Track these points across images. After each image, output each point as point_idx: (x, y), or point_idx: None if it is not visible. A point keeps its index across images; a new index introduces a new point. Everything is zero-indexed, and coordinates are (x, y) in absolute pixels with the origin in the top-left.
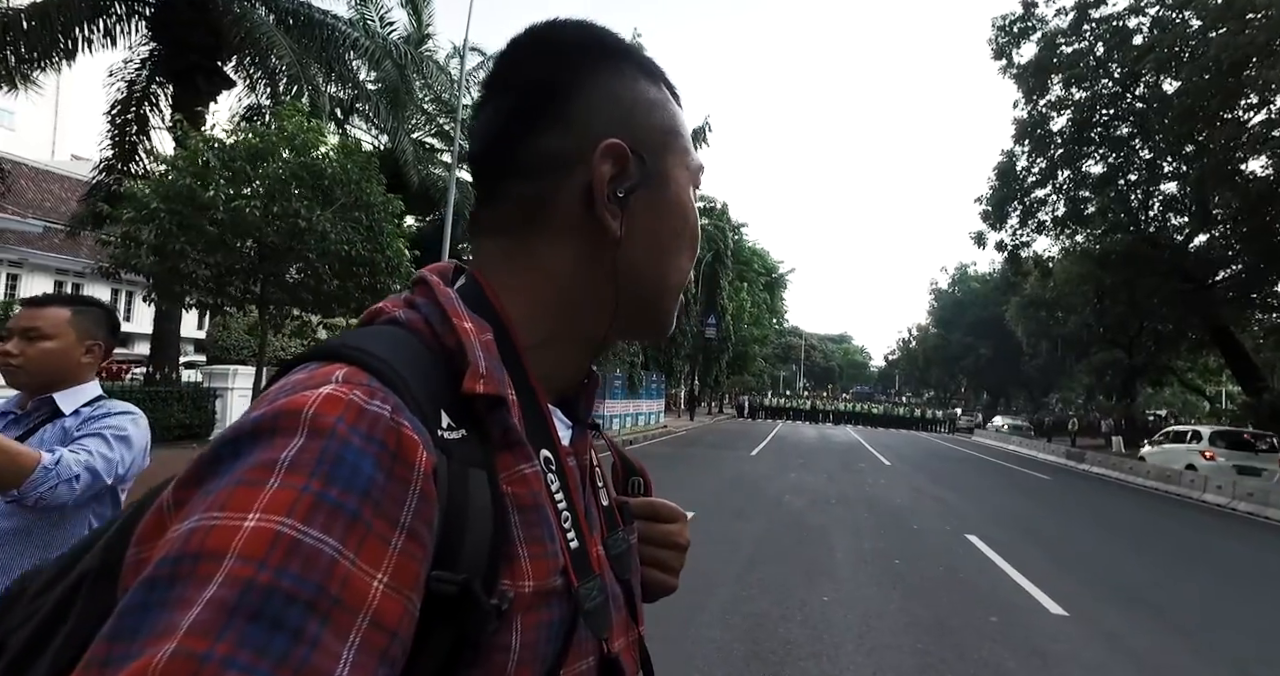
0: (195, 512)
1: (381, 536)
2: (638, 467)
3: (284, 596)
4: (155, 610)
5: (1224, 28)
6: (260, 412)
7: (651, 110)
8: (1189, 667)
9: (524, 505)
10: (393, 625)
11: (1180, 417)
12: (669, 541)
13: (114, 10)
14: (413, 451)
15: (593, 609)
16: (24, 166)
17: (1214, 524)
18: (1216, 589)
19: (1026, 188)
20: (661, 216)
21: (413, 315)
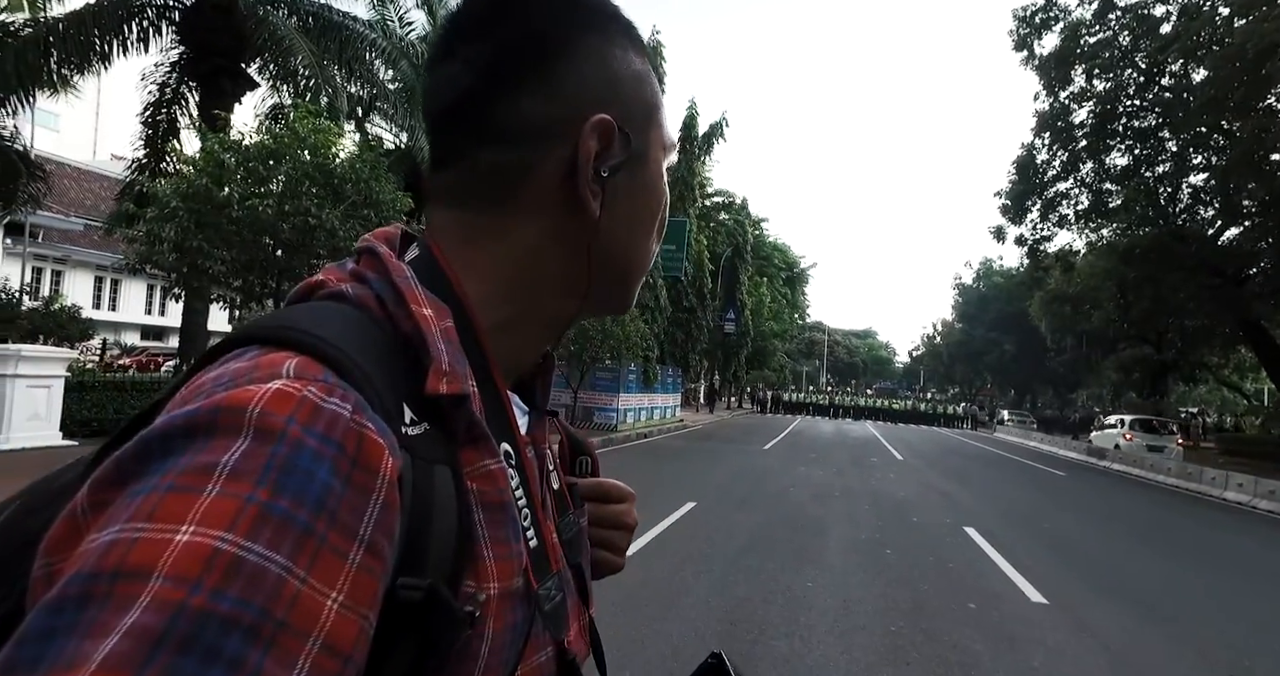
0: (117, 521)
1: (337, 550)
2: (586, 446)
3: (220, 622)
4: (63, 637)
5: (1252, 15)
6: (196, 407)
7: (639, 83)
8: (1155, 654)
9: (489, 502)
10: (347, 648)
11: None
12: (617, 521)
13: (145, 16)
14: (377, 457)
15: (551, 610)
16: (67, 167)
17: (1228, 521)
18: (1210, 583)
19: (1047, 181)
20: (638, 197)
21: (362, 291)
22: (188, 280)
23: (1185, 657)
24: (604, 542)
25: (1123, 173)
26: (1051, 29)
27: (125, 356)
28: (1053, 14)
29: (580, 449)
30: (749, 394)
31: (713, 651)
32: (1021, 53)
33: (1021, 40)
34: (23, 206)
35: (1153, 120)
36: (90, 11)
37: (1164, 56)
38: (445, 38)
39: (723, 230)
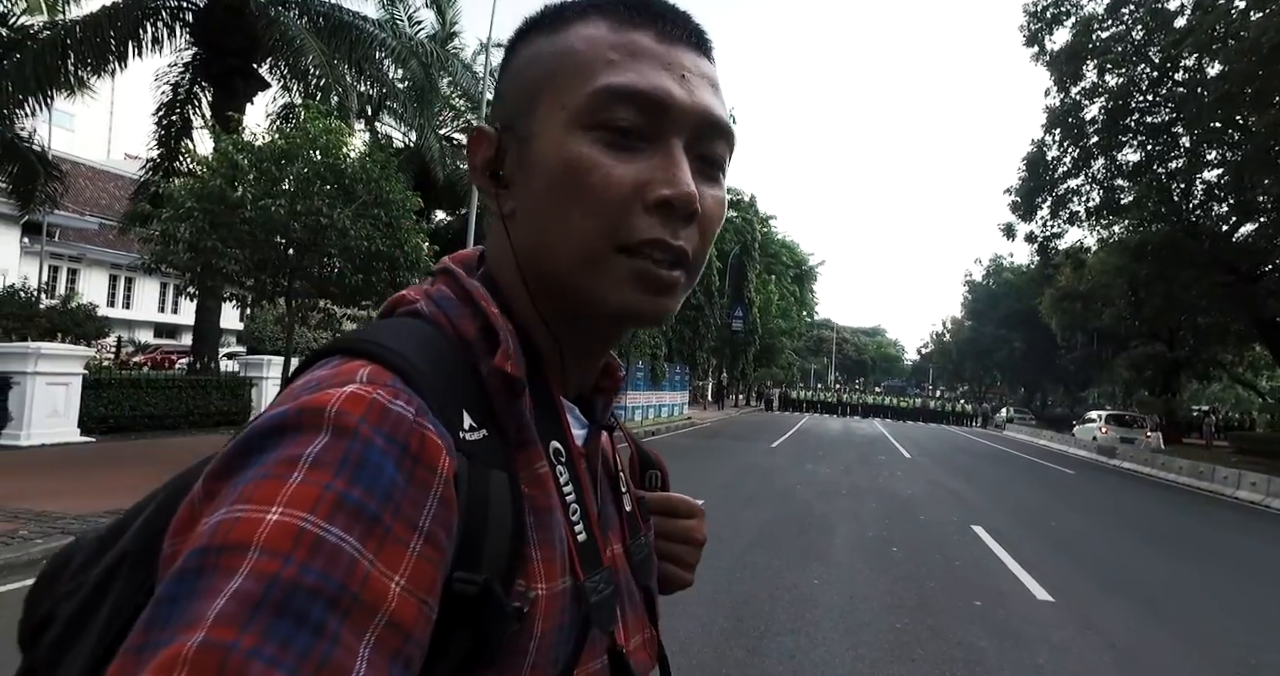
0: (223, 505)
1: (400, 539)
2: (655, 460)
3: (307, 591)
4: (185, 600)
5: (1269, 8)
6: (285, 408)
7: (527, 68)
8: (1160, 653)
9: (538, 506)
10: (408, 627)
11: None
12: (685, 537)
13: (160, 18)
14: (435, 455)
15: (599, 601)
16: (82, 166)
17: (1237, 520)
18: (1218, 582)
19: (1058, 178)
20: (533, 173)
21: (432, 308)
22: (202, 279)
23: (1191, 656)
24: (672, 557)
25: (1134, 169)
26: (1063, 24)
27: (139, 354)
28: (1064, 8)
29: (650, 463)
30: (756, 392)
31: None
32: (1032, 48)
33: (1033, 35)
34: (41, 206)
35: (1166, 116)
36: (106, 14)
37: (1178, 51)
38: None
39: (730, 228)
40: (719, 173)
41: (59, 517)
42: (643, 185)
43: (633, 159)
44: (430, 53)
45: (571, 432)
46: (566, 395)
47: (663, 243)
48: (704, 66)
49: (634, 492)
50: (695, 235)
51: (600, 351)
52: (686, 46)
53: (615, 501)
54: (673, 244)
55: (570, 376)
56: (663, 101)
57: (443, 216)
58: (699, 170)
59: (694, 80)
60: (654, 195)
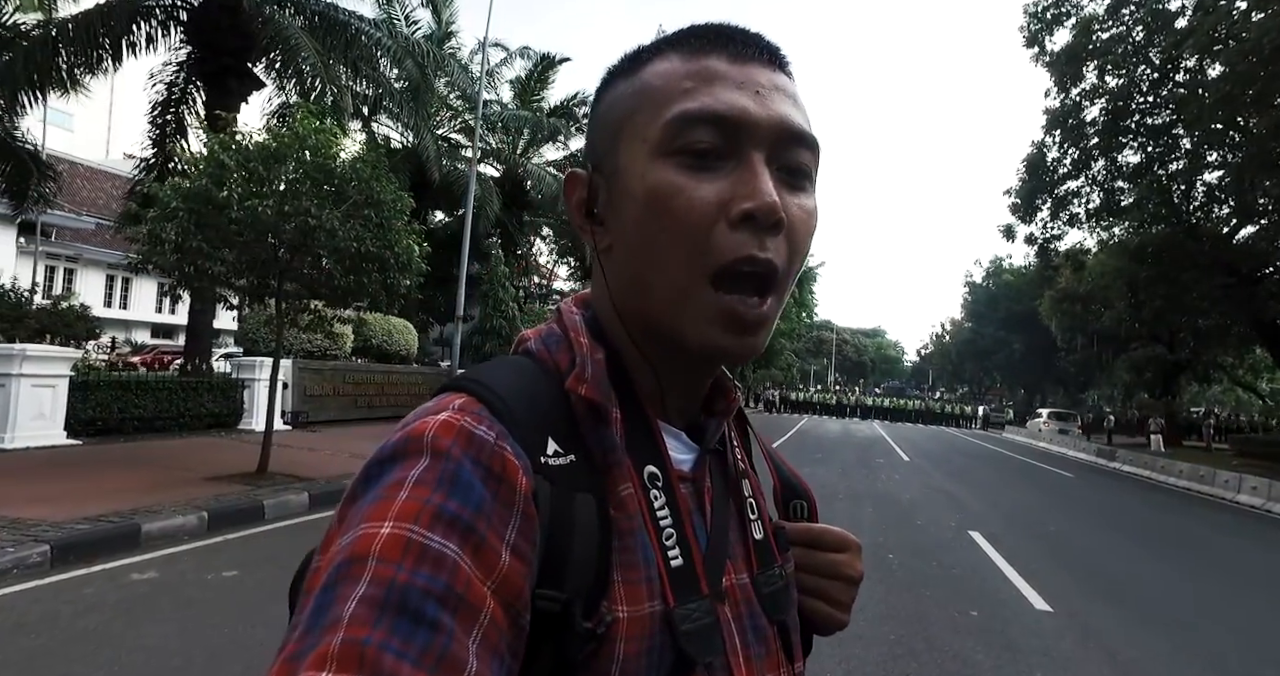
0: (350, 527)
1: (492, 548)
2: (803, 489)
3: (420, 592)
4: (327, 608)
5: (1271, 9)
6: (395, 439)
7: (610, 111)
8: (1161, 663)
9: (622, 529)
10: (503, 626)
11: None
12: (833, 571)
13: (154, 16)
14: (514, 475)
15: (693, 630)
16: (79, 166)
17: (1237, 524)
18: (1222, 590)
19: (1058, 179)
20: (622, 208)
21: (540, 347)
22: (188, 280)
23: (1194, 667)
24: (818, 593)
25: (1135, 170)
26: (1063, 24)
27: (135, 354)
28: (1064, 9)
29: (795, 492)
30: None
31: None
32: (1032, 49)
33: (1033, 36)
34: (34, 206)
35: (1166, 117)
36: (99, 12)
37: (1178, 52)
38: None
39: None
40: (806, 182)
41: (34, 525)
42: (725, 202)
43: (714, 178)
44: (426, 52)
45: (669, 457)
46: (672, 421)
47: (751, 257)
48: (779, 80)
49: (768, 521)
50: (784, 246)
51: (699, 380)
52: (760, 64)
53: (741, 528)
54: (760, 257)
55: (671, 402)
56: (738, 118)
57: (442, 217)
58: (783, 181)
59: (769, 94)
60: (737, 210)
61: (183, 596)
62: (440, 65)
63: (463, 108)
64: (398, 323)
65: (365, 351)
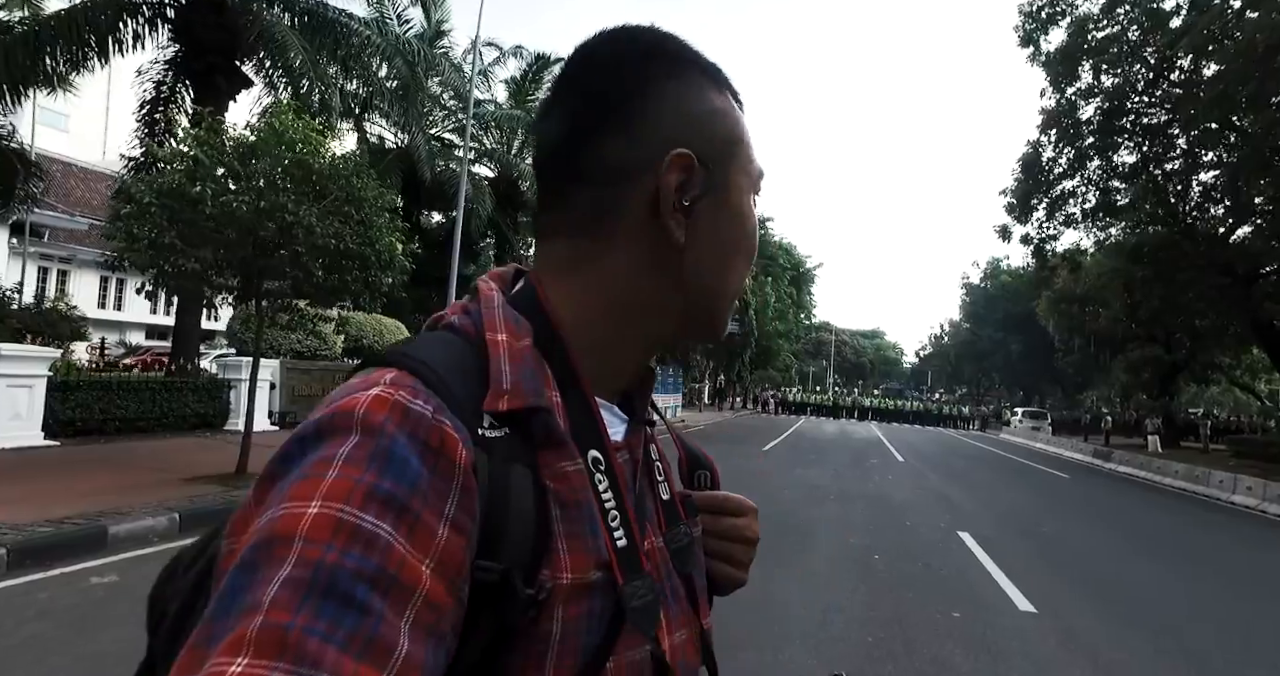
0: (271, 506)
1: (428, 526)
2: (705, 460)
3: (350, 574)
4: (243, 591)
5: (1264, 8)
6: (320, 414)
7: (716, 120)
8: (1143, 664)
9: (565, 501)
10: (441, 605)
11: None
12: (737, 535)
13: (140, 14)
14: (453, 448)
15: (639, 606)
16: (73, 167)
17: (1234, 526)
18: (1211, 591)
19: (1053, 179)
20: (723, 225)
21: (465, 321)
22: (164, 278)
23: (1177, 669)
24: (723, 555)
25: (1130, 170)
26: (1058, 24)
27: (129, 356)
28: (1059, 9)
29: (700, 463)
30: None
31: (833, 672)
32: (1028, 49)
33: (1028, 36)
34: (21, 205)
35: (1162, 116)
36: (83, 9)
37: (1173, 51)
38: (547, 97)
39: None
40: None
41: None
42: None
43: None
44: (416, 51)
45: (609, 440)
46: (605, 395)
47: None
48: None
49: (674, 487)
50: None
51: (649, 360)
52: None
53: (651, 491)
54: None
55: (614, 381)
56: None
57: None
58: None
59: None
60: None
61: (142, 600)
62: (431, 64)
63: (456, 107)
64: (389, 323)
65: (357, 352)
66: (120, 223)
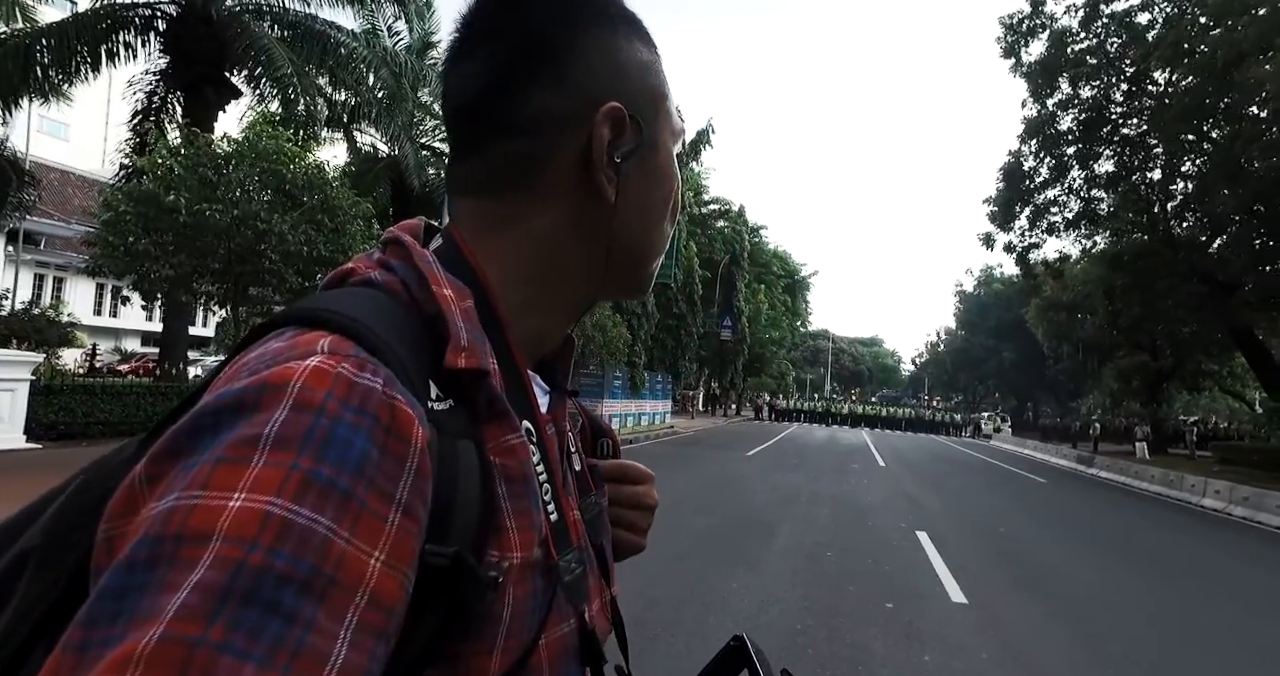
0: (174, 490)
1: (377, 513)
2: (606, 429)
3: (276, 578)
4: (136, 594)
5: (1226, 23)
6: (243, 384)
7: (645, 72)
8: (1050, 650)
9: (511, 476)
10: (390, 602)
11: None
12: (638, 502)
13: (132, 26)
14: (408, 426)
15: (572, 581)
16: (71, 175)
17: (1196, 527)
18: (1140, 584)
19: (1034, 188)
20: (651, 182)
21: (389, 277)
22: (139, 284)
23: (1078, 653)
24: (625, 523)
25: (1110, 179)
26: (1038, 36)
27: (124, 362)
28: (1039, 22)
29: (601, 431)
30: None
31: (734, 634)
32: (1009, 60)
33: (1009, 47)
34: (13, 213)
35: (1142, 127)
36: (72, 22)
37: (1146, 64)
38: (461, 37)
39: (720, 237)
40: None
41: None
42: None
43: None
44: (403, 63)
45: (539, 410)
46: (529, 363)
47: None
48: None
49: (584, 458)
50: None
51: (573, 325)
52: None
53: (568, 463)
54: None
55: (536, 348)
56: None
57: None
58: None
59: None
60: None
61: None
62: (420, 75)
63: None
64: None
65: None
66: (100, 230)
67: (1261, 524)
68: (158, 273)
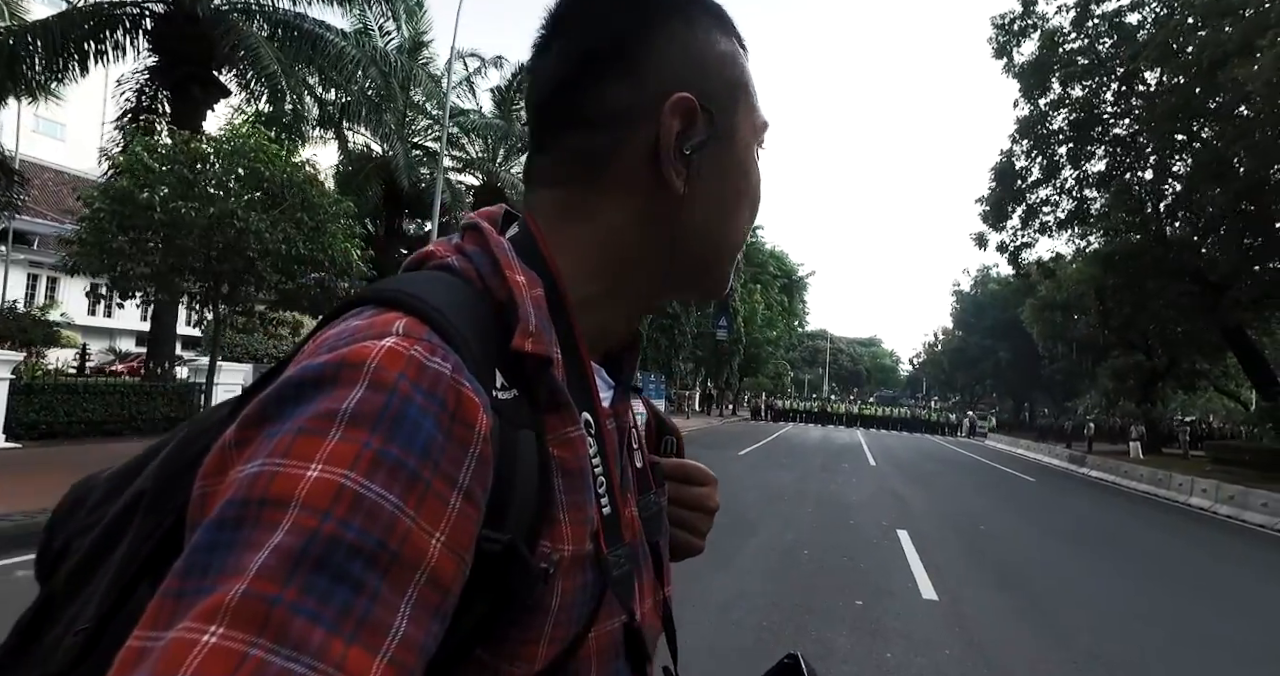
0: (259, 456)
1: (440, 496)
2: (671, 427)
3: (347, 548)
4: (224, 550)
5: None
6: (324, 360)
7: (723, 64)
8: (1012, 644)
9: (568, 469)
10: (447, 582)
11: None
12: (699, 504)
13: (121, 25)
14: (473, 413)
15: (620, 577)
16: (65, 174)
17: (1180, 525)
18: (1114, 582)
19: (1026, 188)
20: (726, 175)
21: (464, 263)
22: (115, 282)
23: (1038, 647)
24: (684, 524)
25: (1101, 179)
26: (1030, 37)
27: (119, 362)
28: (1030, 22)
29: (666, 429)
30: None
31: (789, 653)
32: (1002, 60)
33: (1001, 47)
34: (1, 212)
35: (1133, 126)
36: (59, 20)
37: (1135, 65)
38: (541, 35)
39: None
40: None
41: None
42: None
43: None
44: (393, 62)
45: (601, 403)
46: (595, 357)
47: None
48: None
49: (648, 455)
50: None
51: (641, 320)
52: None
53: (629, 459)
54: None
55: (602, 341)
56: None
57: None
58: None
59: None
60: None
61: None
62: (409, 75)
63: (440, 117)
64: None
65: None
66: (78, 228)
67: (1246, 522)
68: (134, 271)
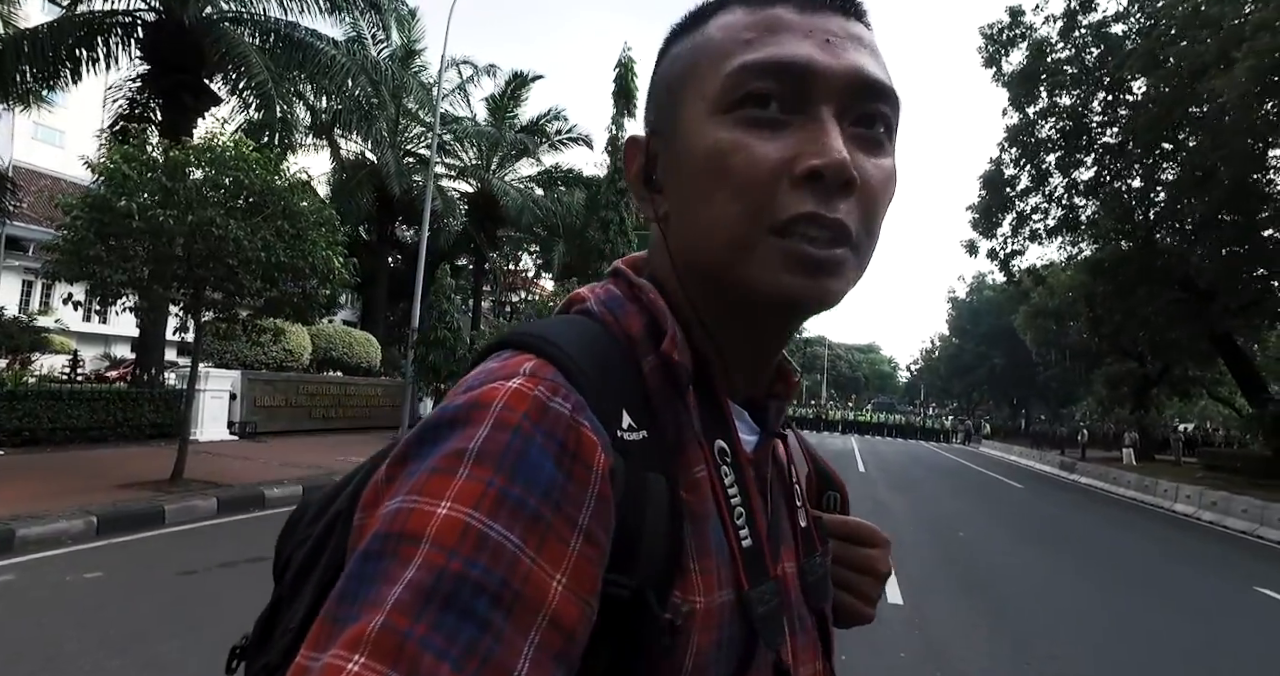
0: (400, 493)
1: (560, 537)
2: (835, 481)
3: (473, 586)
4: (369, 581)
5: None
6: (459, 402)
7: (669, 70)
8: (966, 648)
9: (696, 513)
10: (570, 626)
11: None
12: (866, 566)
13: (113, 32)
14: (591, 452)
15: (765, 614)
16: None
17: (1160, 531)
18: (1092, 587)
19: (1015, 196)
20: (679, 169)
21: (602, 307)
22: (94, 290)
23: (999, 651)
24: (849, 586)
25: (1089, 186)
26: (1018, 46)
27: (113, 368)
28: (1019, 32)
29: (829, 483)
30: None
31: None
32: (991, 69)
33: (990, 57)
34: None
35: (1121, 135)
36: (50, 28)
37: (1120, 74)
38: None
39: None
40: (884, 139)
41: None
42: (789, 160)
43: (777, 135)
44: (384, 71)
45: (738, 434)
46: (735, 400)
47: (816, 216)
48: (854, 29)
49: (810, 511)
50: (856, 209)
51: (768, 351)
52: (831, 12)
53: (790, 515)
54: (828, 217)
55: (737, 380)
56: (804, 68)
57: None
58: (856, 138)
59: (841, 43)
60: (802, 167)
61: (27, 598)
62: (400, 83)
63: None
64: (359, 335)
65: (326, 363)
66: (57, 235)
67: (1228, 528)
68: (111, 277)
